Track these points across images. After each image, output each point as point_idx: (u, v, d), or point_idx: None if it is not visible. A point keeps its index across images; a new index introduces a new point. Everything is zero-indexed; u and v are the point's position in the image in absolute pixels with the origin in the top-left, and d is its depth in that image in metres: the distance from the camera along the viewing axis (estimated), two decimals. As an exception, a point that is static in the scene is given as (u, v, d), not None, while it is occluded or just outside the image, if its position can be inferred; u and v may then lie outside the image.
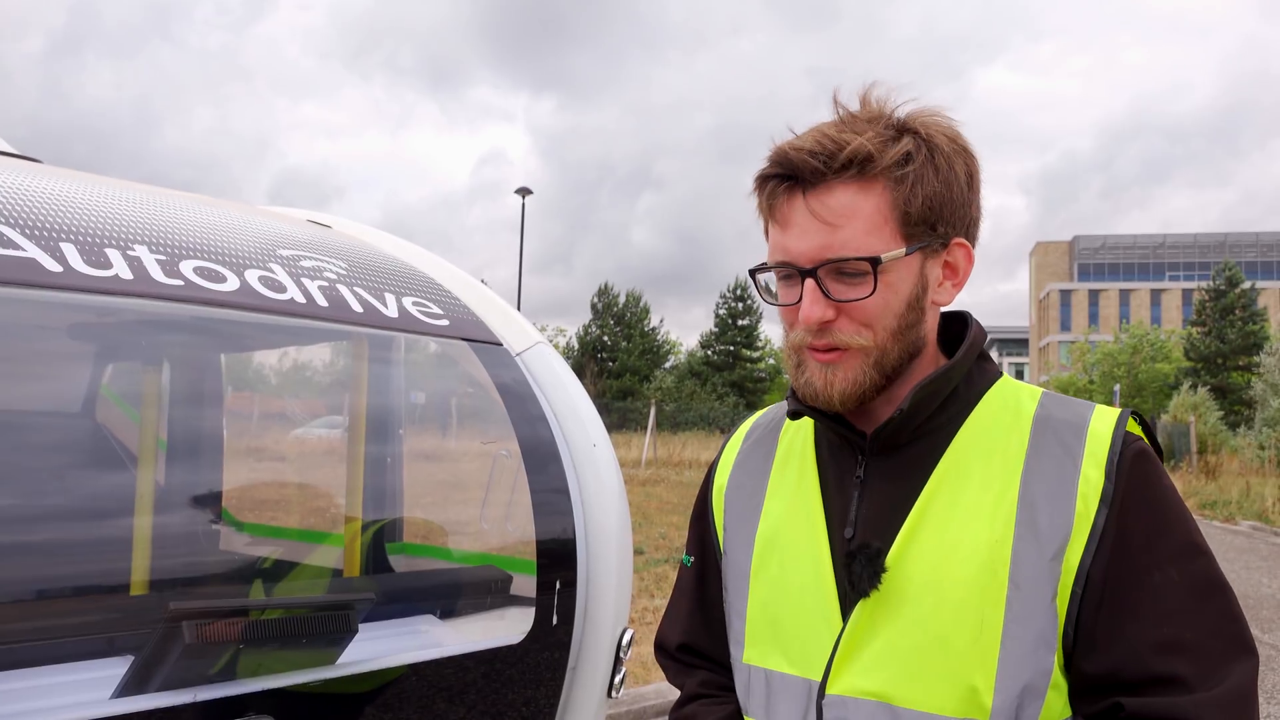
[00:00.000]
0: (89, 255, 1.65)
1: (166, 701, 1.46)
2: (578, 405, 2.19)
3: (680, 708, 1.34)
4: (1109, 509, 1.06)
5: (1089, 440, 1.11)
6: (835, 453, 1.24)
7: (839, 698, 1.12)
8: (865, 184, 1.10)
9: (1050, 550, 1.06)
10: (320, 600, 2.04)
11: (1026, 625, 1.06)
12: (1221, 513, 18.30)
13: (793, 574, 1.21)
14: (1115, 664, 1.04)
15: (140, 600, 1.83)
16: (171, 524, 2.09)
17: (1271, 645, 7.73)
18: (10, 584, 1.69)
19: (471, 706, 1.87)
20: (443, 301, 2.22)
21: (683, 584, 1.42)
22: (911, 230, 1.12)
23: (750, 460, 1.35)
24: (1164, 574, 1.05)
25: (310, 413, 3.90)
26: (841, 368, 1.13)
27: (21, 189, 1.80)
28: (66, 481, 1.99)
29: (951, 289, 1.19)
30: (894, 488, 1.16)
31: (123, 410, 2.65)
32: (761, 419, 1.42)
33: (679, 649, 1.38)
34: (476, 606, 2.20)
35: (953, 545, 1.10)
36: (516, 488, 2.11)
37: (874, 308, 1.11)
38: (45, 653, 1.62)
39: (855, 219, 1.09)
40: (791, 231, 1.12)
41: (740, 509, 1.32)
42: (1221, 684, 1.01)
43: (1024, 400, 1.18)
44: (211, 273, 1.80)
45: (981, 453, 1.14)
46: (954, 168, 1.14)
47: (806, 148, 1.10)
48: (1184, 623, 1.04)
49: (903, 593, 1.10)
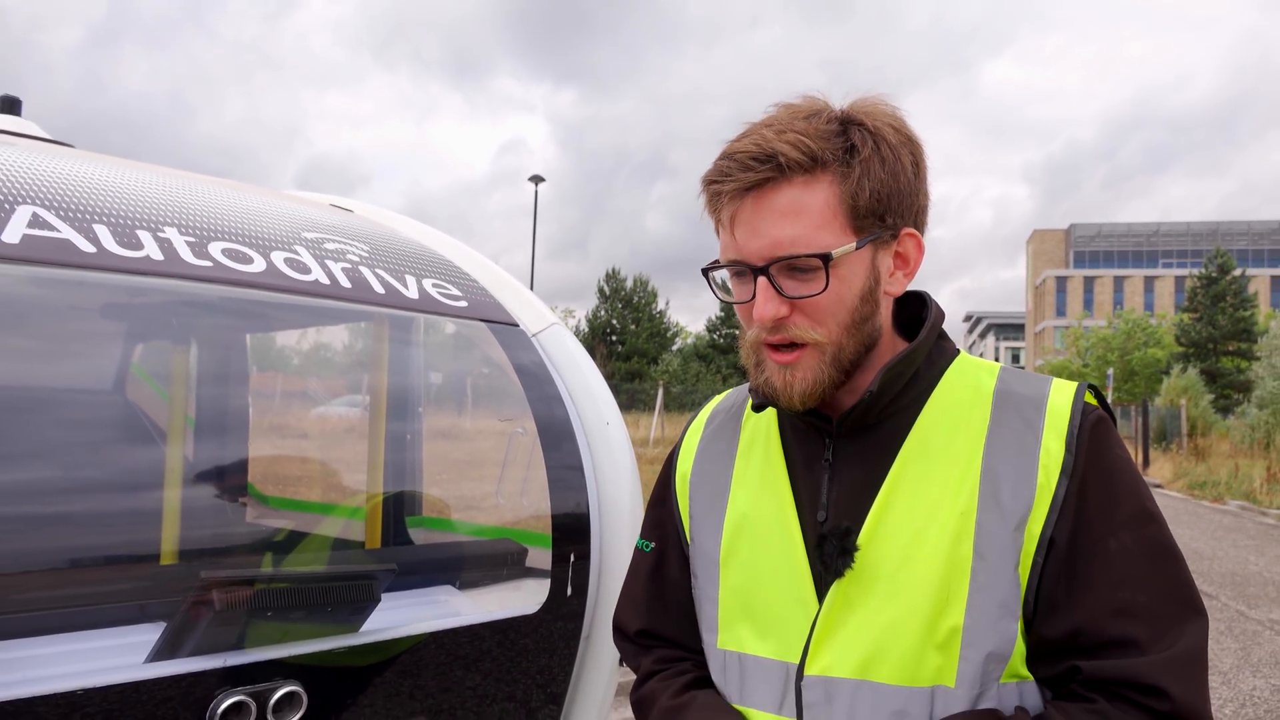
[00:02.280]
0: (121, 236, 1.65)
1: (197, 666, 1.47)
2: (591, 385, 2.19)
3: (638, 687, 1.31)
4: (1069, 479, 1.07)
5: (1049, 414, 1.11)
6: (801, 437, 1.22)
7: (817, 678, 1.11)
8: (810, 180, 1.07)
9: (1014, 520, 1.07)
10: (344, 571, 2.05)
11: (990, 594, 1.06)
12: (1211, 493, 18.26)
13: (764, 558, 1.19)
14: (1073, 627, 1.05)
15: (171, 570, 1.84)
16: (200, 497, 2.10)
17: (1258, 621, 7.73)
18: (46, 554, 1.70)
19: (488, 674, 1.88)
20: (461, 283, 2.21)
21: (639, 568, 1.38)
22: (861, 223, 1.09)
23: (713, 446, 1.33)
24: (1119, 540, 1.06)
25: (332, 392, 3.91)
26: (799, 368, 1.11)
27: (56, 173, 1.80)
28: (99, 456, 2.00)
29: (903, 279, 1.17)
30: (863, 469, 1.15)
31: (152, 388, 2.65)
32: (722, 404, 1.39)
33: (638, 634, 1.35)
34: (494, 578, 2.21)
35: (922, 521, 1.09)
36: (532, 464, 2.11)
37: (827, 303, 1.09)
38: (81, 619, 1.63)
39: (803, 216, 1.07)
40: (741, 230, 1.09)
41: (706, 496, 1.29)
42: (1174, 645, 1.02)
43: (983, 377, 1.18)
44: (239, 254, 1.79)
45: (945, 430, 1.13)
46: (900, 158, 1.11)
47: (749, 152, 1.07)
48: (1138, 587, 1.04)
49: (875, 571, 1.10)
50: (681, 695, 1.22)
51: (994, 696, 1.06)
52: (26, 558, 1.68)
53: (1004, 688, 1.07)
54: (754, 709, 1.16)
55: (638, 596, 1.36)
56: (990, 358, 57.77)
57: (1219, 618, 7.79)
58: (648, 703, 1.27)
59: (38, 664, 1.48)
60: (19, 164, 1.78)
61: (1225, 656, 6.62)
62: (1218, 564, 10.46)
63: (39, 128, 2.36)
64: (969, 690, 1.06)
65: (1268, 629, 7.45)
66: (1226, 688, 5.92)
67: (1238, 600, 8.51)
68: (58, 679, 1.36)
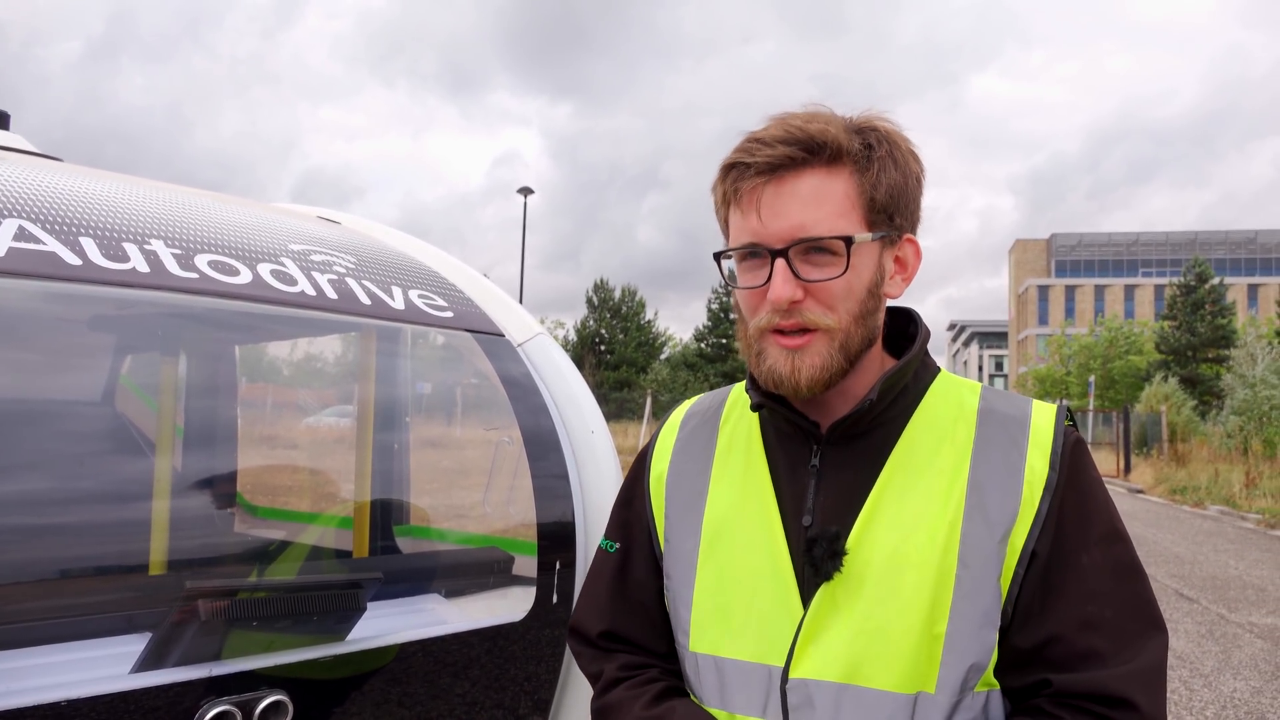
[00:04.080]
0: (107, 249, 1.64)
1: (182, 676, 1.46)
2: (576, 394, 2.19)
3: (603, 695, 1.27)
4: (1051, 496, 1.10)
5: (1032, 433, 1.14)
6: (785, 442, 1.22)
7: (802, 681, 1.11)
8: (833, 170, 1.11)
9: (999, 533, 1.09)
10: (330, 580, 2.04)
11: (974, 603, 1.08)
12: (1191, 498, 18.36)
13: (744, 562, 1.18)
14: (1045, 637, 1.07)
15: (157, 580, 1.83)
16: (188, 508, 2.09)
17: (1238, 624, 7.76)
18: (34, 564, 1.69)
19: (475, 681, 1.87)
20: (447, 294, 2.21)
21: (602, 569, 1.36)
22: (875, 218, 1.13)
23: (690, 448, 1.32)
24: (1090, 556, 1.09)
25: (321, 402, 3.90)
26: (808, 353, 1.12)
27: (43, 186, 1.80)
28: (85, 468, 1.98)
29: (901, 283, 1.19)
30: (850, 476, 1.16)
31: (141, 399, 2.64)
32: (696, 406, 1.39)
33: (600, 635, 1.32)
34: (480, 586, 2.20)
35: (909, 529, 1.11)
36: (518, 473, 2.11)
37: (840, 289, 1.11)
38: (68, 629, 1.62)
39: (826, 202, 1.10)
40: (762, 214, 1.11)
41: (683, 497, 1.28)
42: (1137, 658, 1.05)
43: (965, 394, 1.20)
44: (225, 266, 1.79)
45: (931, 442, 1.15)
46: (909, 164, 1.16)
47: (777, 135, 1.10)
48: (1105, 602, 1.08)
49: (862, 576, 1.11)
50: (656, 706, 1.19)
51: (969, 704, 1.08)
52: (15, 569, 1.67)
53: (976, 696, 1.09)
54: (736, 713, 1.15)
55: (600, 598, 1.34)
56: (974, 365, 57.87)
57: (1200, 621, 7.82)
58: (615, 711, 1.23)
59: (24, 675, 1.46)
60: (6, 177, 1.78)
61: (1206, 659, 6.65)
62: (1198, 568, 10.51)
63: (27, 141, 2.36)
64: (949, 697, 1.07)
65: (1247, 632, 7.49)
66: (1208, 690, 5.95)
67: (1218, 604, 8.55)
68: (43, 690, 1.35)
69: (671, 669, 1.27)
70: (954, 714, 1.07)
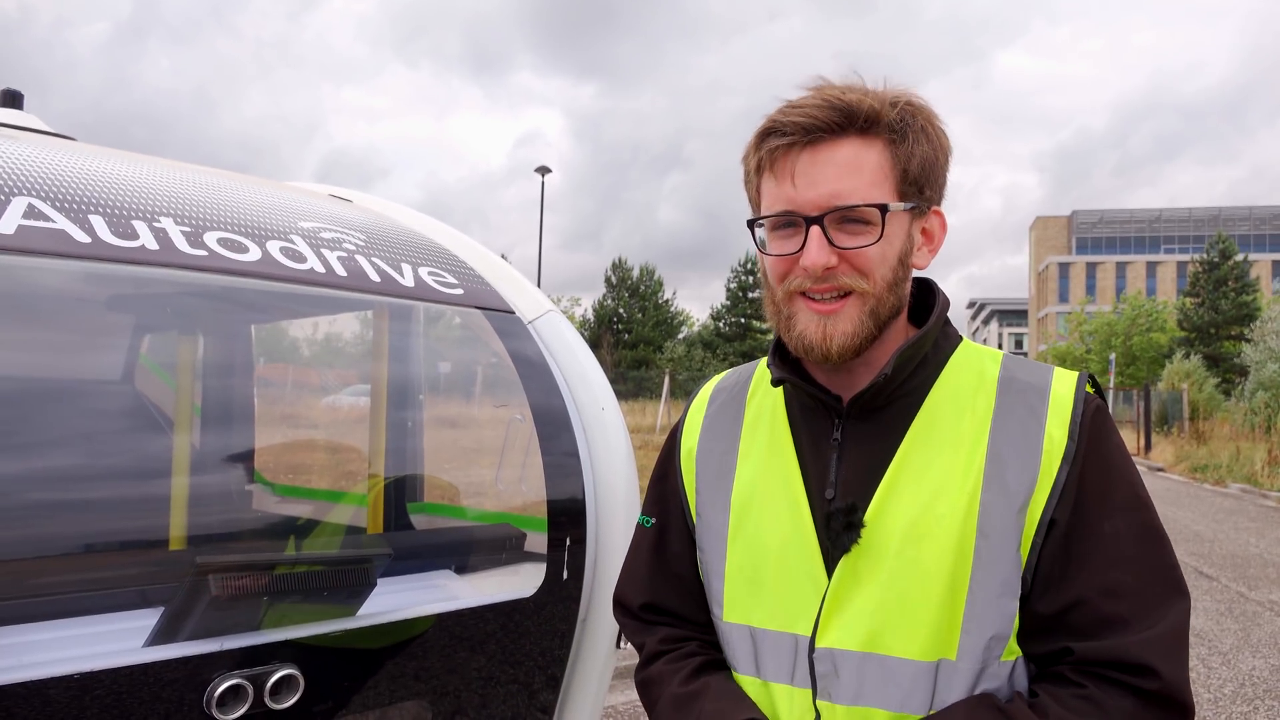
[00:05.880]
0: (117, 226, 1.64)
1: (194, 650, 1.47)
2: (587, 371, 2.18)
3: (645, 667, 1.31)
4: (1070, 465, 1.10)
5: (1052, 402, 1.14)
6: (808, 416, 1.23)
7: (828, 650, 1.13)
8: (868, 140, 1.11)
9: (1017, 502, 1.09)
10: (341, 555, 2.05)
11: (993, 572, 1.08)
12: (1212, 476, 18.18)
13: (772, 534, 1.20)
14: (1067, 603, 1.07)
15: (172, 555, 1.84)
16: (207, 484, 2.10)
17: (1258, 602, 7.69)
18: (54, 540, 1.70)
19: (489, 656, 1.87)
20: (458, 271, 2.20)
21: (641, 544, 1.39)
22: (906, 189, 1.13)
23: (718, 424, 1.33)
24: (1112, 523, 1.09)
25: (339, 381, 3.92)
26: (840, 319, 1.12)
27: (54, 164, 1.79)
28: (96, 445, 1.99)
29: (928, 254, 1.20)
30: (871, 449, 1.17)
31: (158, 376, 2.65)
32: (724, 382, 1.40)
33: (642, 608, 1.36)
34: (492, 562, 2.21)
35: (928, 500, 1.11)
36: (529, 450, 2.11)
37: (874, 256, 1.11)
38: (85, 604, 1.63)
39: (862, 171, 1.10)
40: (798, 182, 1.11)
41: (713, 472, 1.30)
42: (1159, 624, 1.05)
43: (987, 363, 1.20)
44: (235, 243, 1.79)
45: (951, 413, 1.16)
46: (940, 139, 1.16)
47: (815, 104, 1.10)
48: (1127, 568, 1.08)
49: (883, 547, 1.11)
50: (693, 681, 1.22)
51: (994, 673, 1.09)
52: (35, 544, 1.68)
53: (1003, 665, 1.09)
54: (770, 681, 1.18)
55: (640, 572, 1.37)
56: (994, 343, 57.40)
57: (1220, 599, 7.76)
58: (655, 684, 1.27)
59: (40, 648, 1.48)
60: (17, 156, 1.77)
61: (1225, 637, 6.60)
62: (1219, 546, 10.42)
63: (40, 121, 2.36)
64: (972, 664, 1.08)
65: (1268, 610, 7.42)
66: (1226, 668, 5.90)
67: (1238, 582, 8.48)
68: (58, 663, 1.36)
69: (710, 640, 1.29)
70: (978, 681, 1.08)
